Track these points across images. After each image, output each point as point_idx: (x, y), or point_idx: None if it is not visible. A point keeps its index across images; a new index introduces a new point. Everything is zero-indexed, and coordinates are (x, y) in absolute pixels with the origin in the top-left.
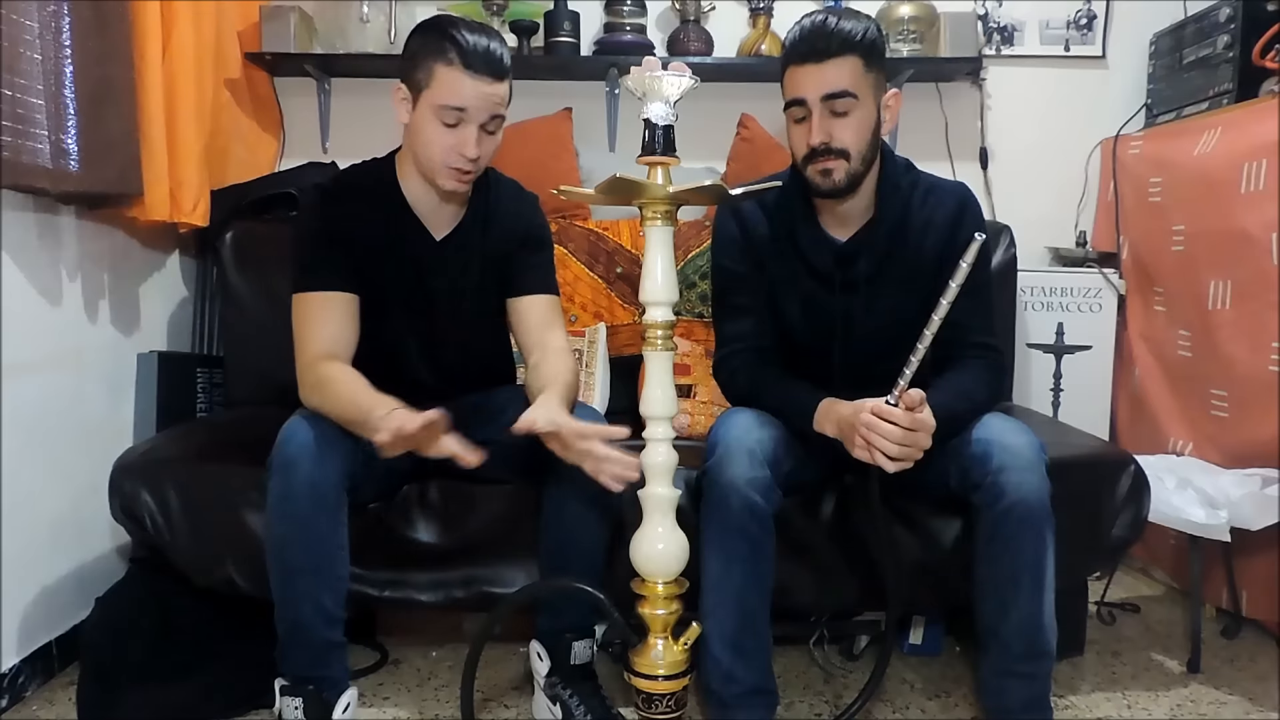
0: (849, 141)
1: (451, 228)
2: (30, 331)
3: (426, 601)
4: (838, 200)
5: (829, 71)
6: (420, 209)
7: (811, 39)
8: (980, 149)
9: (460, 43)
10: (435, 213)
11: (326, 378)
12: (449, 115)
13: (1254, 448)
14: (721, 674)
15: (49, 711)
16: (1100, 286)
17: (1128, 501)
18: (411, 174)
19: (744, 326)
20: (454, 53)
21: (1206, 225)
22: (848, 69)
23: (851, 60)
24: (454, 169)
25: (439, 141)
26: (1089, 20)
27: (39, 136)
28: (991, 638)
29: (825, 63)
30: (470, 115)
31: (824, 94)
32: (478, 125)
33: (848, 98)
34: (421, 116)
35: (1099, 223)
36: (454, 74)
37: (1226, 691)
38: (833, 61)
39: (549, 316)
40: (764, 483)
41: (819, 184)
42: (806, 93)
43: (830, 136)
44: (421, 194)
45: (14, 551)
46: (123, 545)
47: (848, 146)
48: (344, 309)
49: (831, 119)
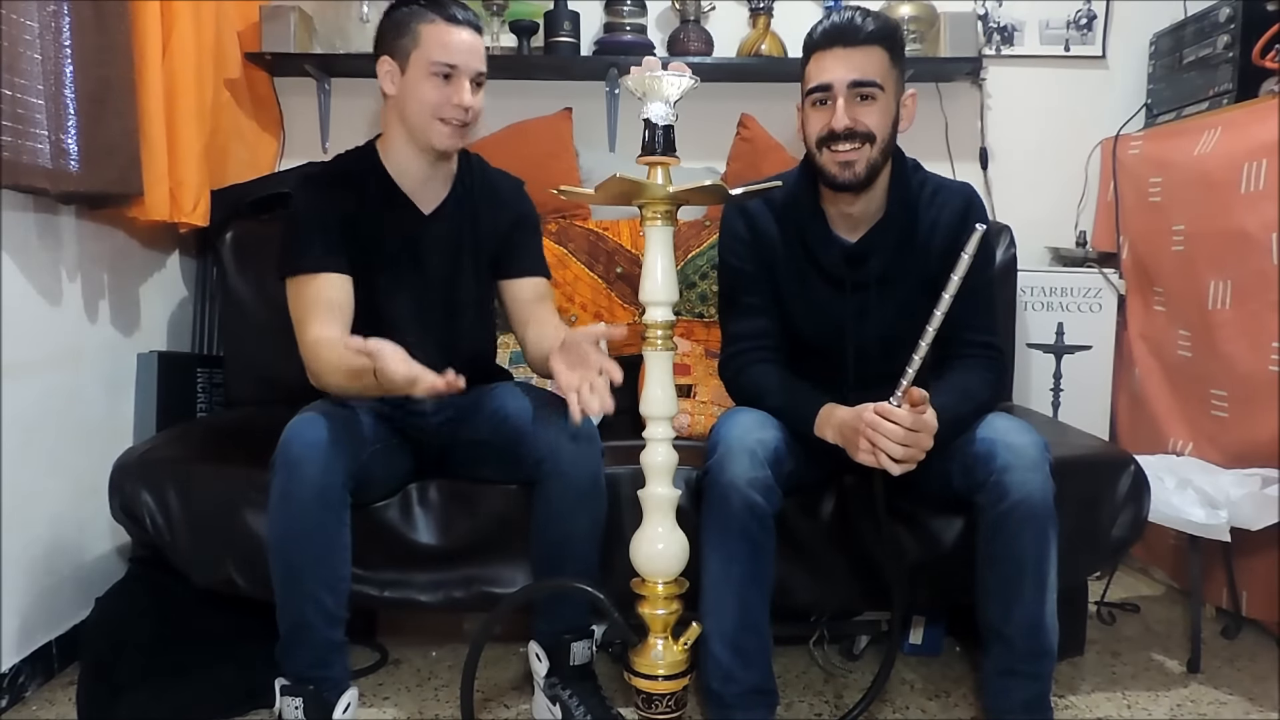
0: (874, 125)
1: (439, 201)
2: (30, 331)
3: (426, 602)
4: (850, 198)
5: (858, 58)
6: (406, 184)
7: (843, 27)
8: (980, 149)
9: (439, 4)
10: (422, 187)
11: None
12: (442, 68)
13: (1254, 448)
14: (721, 674)
15: (49, 711)
16: (1100, 286)
17: (1128, 501)
18: (395, 152)
19: (750, 326)
20: (434, 11)
21: (1206, 225)
22: (875, 59)
23: (879, 52)
24: (449, 121)
25: (433, 97)
26: (1089, 20)
27: (39, 136)
28: (994, 637)
29: (855, 48)
30: (461, 67)
31: (852, 80)
32: (468, 78)
33: (874, 87)
34: (413, 77)
35: (1099, 223)
36: (440, 28)
37: (1226, 691)
38: (862, 49)
39: (541, 294)
40: (765, 483)
41: (836, 175)
42: (834, 76)
43: (856, 121)
44: (407, 169)
45: (14, 551)
46: (123, 545)
47: (874, 129)
48: (339, 288)
49: (857, 105)
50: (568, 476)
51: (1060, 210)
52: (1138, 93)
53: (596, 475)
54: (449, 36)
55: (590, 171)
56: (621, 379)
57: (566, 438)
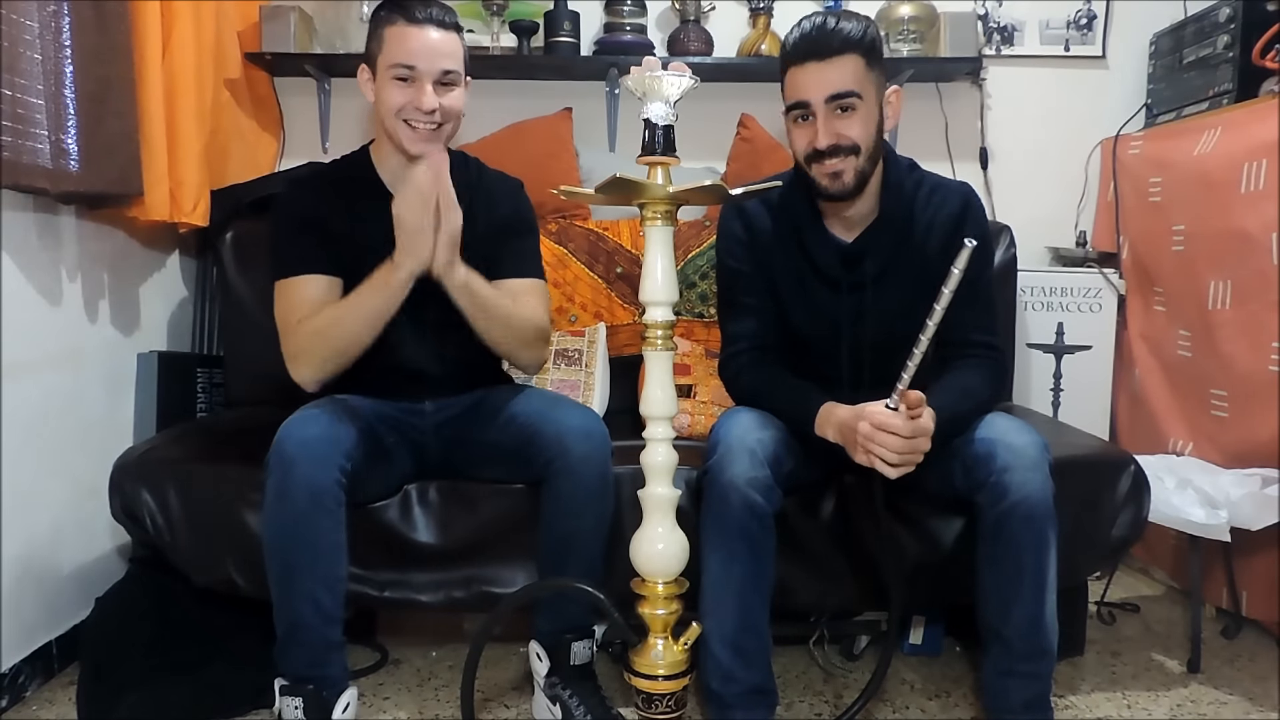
0: (858, 135)
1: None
2: (30, 331)
3: (427, 601)
4: (845, 203)
5: (831, 71)
6: (396, 189)
7: (813, 39)
8: (980, 149)
9: (403, 5)
10: None
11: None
12: (401, 71)
13: (1254, 448)
14: (721, 674)
15: (49, 711)
16: (1100, 286)
17: (1128, 501)
18: (387, 156)
19: (748, 326)
20: (395, 13)
21: (1206, 225)
22: (850, 68)
23: (853, 60)
24: (412, 124)
25: (396, 99)
26: (1089, 20)
27: (39, 136)
28: (994, 637)
29: (828, 61)
30: (421, 69)
31: (829, 95)
32: (431, 80)
33: (852, 97)
34: (380, 82)
35: (1099, 223)
36: (398, 30)
37: (1226, 691)
38: (835, 61)
39: (529, 289)
40: (764, 482)
41: (827, 187)
42: (810, 95)
43: (837, 136)
44: (393, 174)
45: (14, 551)
46: (123, 545)
47: (857, 140)
48: (326, 290)
49: (837, 118)
50: (577, 474)
51: (1060, 210)
52: (1138, 93)
53: (605, 474)
54: (408, 39)
55: (590, 171)
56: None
57: (577, 436)
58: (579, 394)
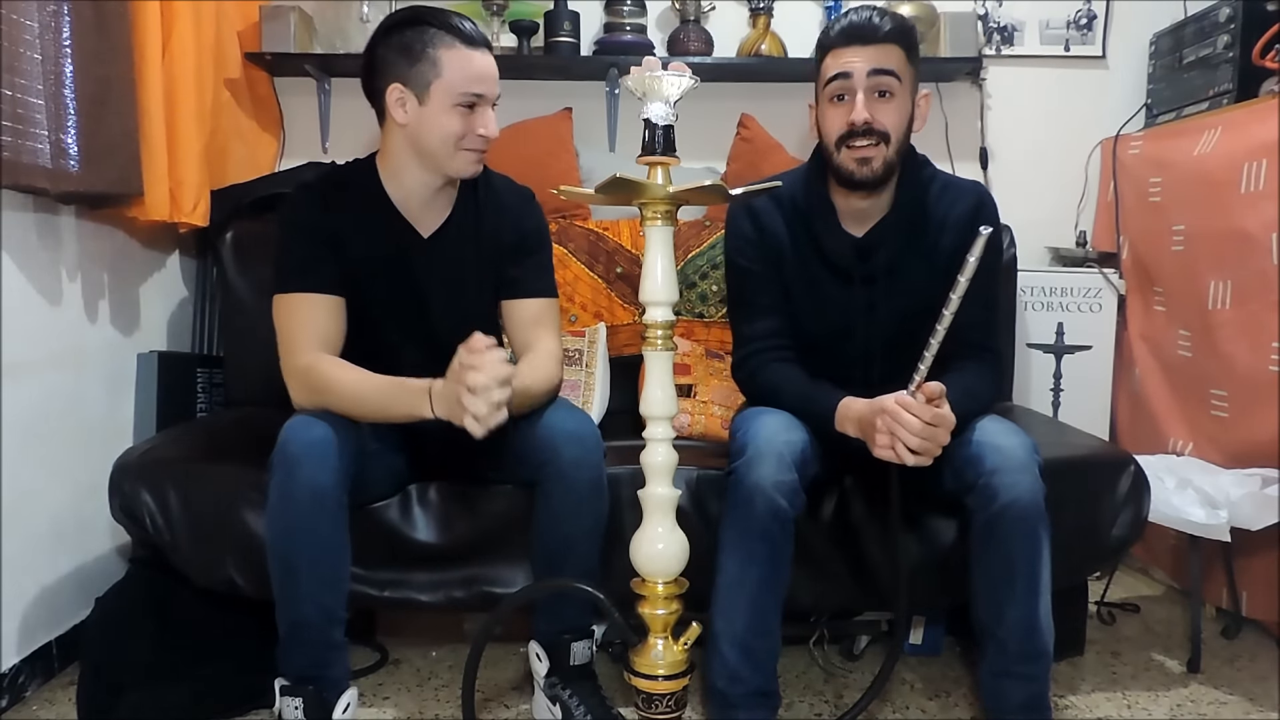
0: (890, 124)
1: (439, 224)
2: (30, 331)
3: (427, 601)
4: (863, 195)
5: (876, 53)
6: (406, 207)
7: (860, 25)
8: (980, 149)
9: (455, 26)
10: (422, 210)
11: (330, 377)
12: (470, 99)
13: (1254, 448)
14: (728, 674)
15: (49, 711)
16: (1100, 286)
17: (1128, 501)
18: (396, 173)
19: (762, 326)
20: (453, 36)
21: (1206, 225)
22: (895, 55)
23: (897, 50)
24: (474, 151)
25: (457, 127)
26: (1089, 20)
27: (39, 136)
28: (988, 639)
29: (873, 46)
30: (487, 95)
31: (872, 68)
32: (490, 104)
33: (892, 78)
34: (436, 108)
35: (1099, 223)
36: (459, 55)
37: (1226, 691)
38: (881, 45)
39: (541, 317)
40: (790, 486)
41: (853, 172)
42: (854, 67)
43: (873, 117)
44: (412, 193)
45: (14, 551)
46: (123, 545)
47: (889, 129)
48: (330, 310)
49: (875, 101)
50: (570, 479)
51: (1060, 210)
52: (1138, 93)
53: (599, 478)
54: (472, 63)
55: (590, 171)
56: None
57: (568, 440)
58: (579, 394)
